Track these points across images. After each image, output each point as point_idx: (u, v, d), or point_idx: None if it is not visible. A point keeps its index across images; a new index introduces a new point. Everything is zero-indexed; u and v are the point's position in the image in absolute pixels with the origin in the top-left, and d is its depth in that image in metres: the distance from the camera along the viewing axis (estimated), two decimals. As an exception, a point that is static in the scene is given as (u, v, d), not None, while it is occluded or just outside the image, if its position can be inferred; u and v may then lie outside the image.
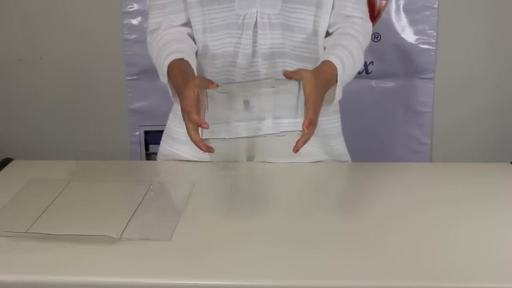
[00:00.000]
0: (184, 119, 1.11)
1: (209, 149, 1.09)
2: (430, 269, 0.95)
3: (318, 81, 1.12)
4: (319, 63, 1.21)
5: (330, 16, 1.29)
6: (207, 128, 1.08)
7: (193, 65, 1.24)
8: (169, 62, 1.22)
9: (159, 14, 1.32)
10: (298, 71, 1.13)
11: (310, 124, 1.07)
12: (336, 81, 1.20)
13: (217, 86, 1.12)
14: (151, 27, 1.33)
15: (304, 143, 1.08)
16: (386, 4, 2.17)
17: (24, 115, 2.37)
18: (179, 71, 1.21)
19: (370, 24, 1.34)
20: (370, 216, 1.13)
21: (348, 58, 1.23)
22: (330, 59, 1.20)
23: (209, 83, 1.12)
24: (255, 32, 1.27)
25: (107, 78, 2.31)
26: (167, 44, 1.27)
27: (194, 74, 1.21)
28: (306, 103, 1.09)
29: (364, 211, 1.15)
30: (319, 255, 1.00)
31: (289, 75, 1.12)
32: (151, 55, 1.33)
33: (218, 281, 0.94)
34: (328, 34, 1.32)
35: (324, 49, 1.31)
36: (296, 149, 1.07)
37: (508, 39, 2.22)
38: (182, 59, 1.23)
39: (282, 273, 0.95)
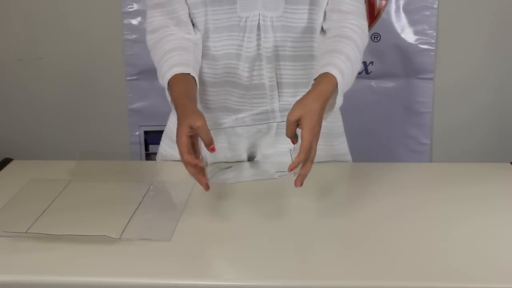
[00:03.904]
0: (179, 152, 1.08)
1: (207, 186, 1.09)
2: (430, 269, 0.95)
3: (314, 110, 1.08)
4: (317, 74, 1.16)
5: (324, 12, 1.27)
6: (201, 165, 1.06)
7: (197, 80, 1.21)
8: (174, 74, 1.19)
9: (159, 12, 1.28)
10: (292, 123, 1.08)
11: (307, 161, 1.06)
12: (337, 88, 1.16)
13: (213, 150, 1.06)
14: (153, 26, 1.29)
15: (303, 179, 1.06)
16: (386, 4, 2.17)
17: (24, 115, 2.36)
18: (183, 93, 1.16)
19: (365, 22, 1.29)
20: (370, 216, 1.13)
21: (346, 64, 1.18)
22: (328, 71, 1.15)
23: (204, 136, 1.07)
24: (258, 35, 1.26)
25: (107, 78, 2.30)
26: (173, 51, 1.23)
27: (196, 98, 1.18)
28: (301, 141, 1.06)
29: (364, 211, 1.15)
30: (319, 255, 1.00)
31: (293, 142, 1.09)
32: (152, 55, 1.29)
33: (218, 281, 0.94)
34: (322, 30, 1.29)
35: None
36: (297, 185, 1.06)
37: (508, 39, 2.22)
38: (188, 74, 1.19)
39: (282, 273, 0.95)
